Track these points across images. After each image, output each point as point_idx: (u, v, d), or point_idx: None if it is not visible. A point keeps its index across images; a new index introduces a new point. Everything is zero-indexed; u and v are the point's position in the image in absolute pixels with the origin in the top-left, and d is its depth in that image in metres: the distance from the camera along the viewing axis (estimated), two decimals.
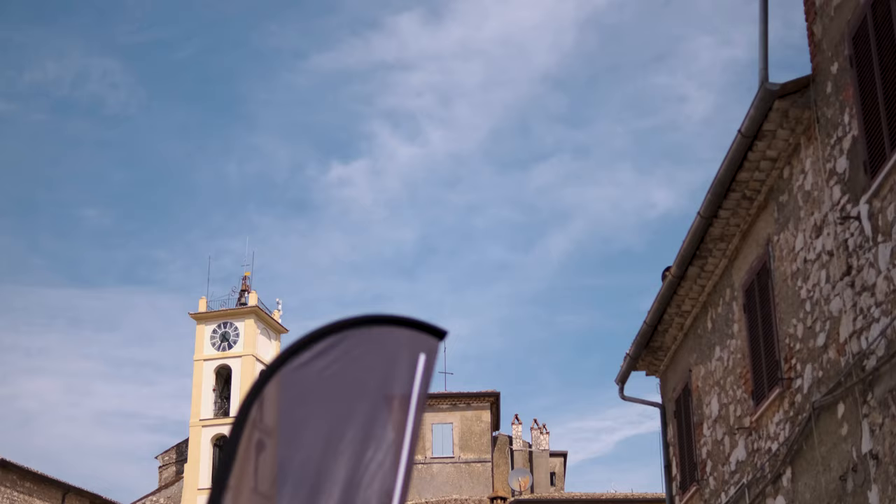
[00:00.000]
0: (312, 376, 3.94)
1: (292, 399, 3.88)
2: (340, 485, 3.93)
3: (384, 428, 4.07)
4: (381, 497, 3.97)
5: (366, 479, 3.97)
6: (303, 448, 3.92)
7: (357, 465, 3.96)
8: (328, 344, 4.00)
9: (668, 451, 15.66)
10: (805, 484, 10.35)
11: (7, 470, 38.07)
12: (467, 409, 48.44)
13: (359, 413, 4.03)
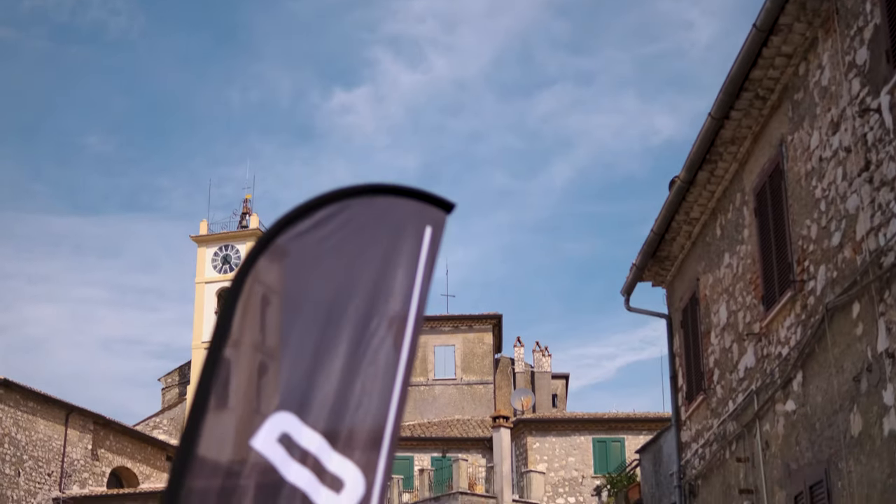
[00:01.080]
0: (312, 246, 3.69)
1: (291, 269, 3.64)
2: (342, 358, 3.69)
3: (387, 303, 3.83)
4: (385, 371, 3.74)
5: (369, 352, 3.74)
6: (303, 320, 3.68)
7: (360, 337, 3.73)
8: (328, 213, 3.74)
9: (674, 361, 15.49)
10: (816, 387, 10.16)
11: (10, 390, 38.16)
12: (469, 331, 48.47)
13: (361, 285, 3.78)
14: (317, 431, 3.58)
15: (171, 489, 3.33)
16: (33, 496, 38.96)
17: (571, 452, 39.83)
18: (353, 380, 3.69)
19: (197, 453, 3.36)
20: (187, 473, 3.33)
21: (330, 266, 3.73)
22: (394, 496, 39.48)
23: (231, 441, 3.51)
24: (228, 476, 3.47)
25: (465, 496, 37.16)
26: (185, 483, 3.29)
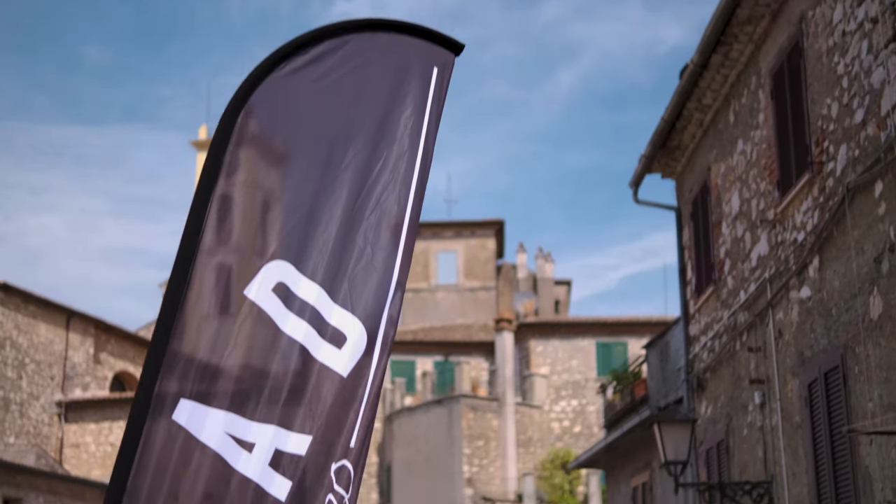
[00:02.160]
0: (307, 84, 3.30)
1: (283, 109, 3.26)
2: (342, 206, 3.32)
3: (391, 147, 3.45)
4: (388, 222, 3.38)
5: (370, 202, 3.37)
6: (297, 166, 3.31)
7: (360, 186, 3.36)
8: (326, 48, 3.35)
9: (683, 255, 15.16)
10: (834, 271, 9.82)
11: (10, 294, 37.97)
12: (471, 237, 48.18)
13: (362, 128, 3.40)
14: (315, 282, 3.24)
15: (161, 325, 3.02)
16: (36, 399, 39.04)
17: (574, 356, 39.81)
18: (355, 230, 3.34)
19: (187, 299, 3.04)
20: (175, 323, 3.00)
21: (328, 106, 3.35)
22: (396, 399, 39.59)
23: (223, 290, 3.18)
24: (222, 326, 3.16)
25: (467, 399, 37.24)
26: (173, 336, 2.98)
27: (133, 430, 2.98)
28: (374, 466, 41.00)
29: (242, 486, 3.11)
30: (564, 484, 36.45)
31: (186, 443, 3.01)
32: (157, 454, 2.97)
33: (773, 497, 11.32)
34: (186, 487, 3.01)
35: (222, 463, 3.08)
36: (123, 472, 2.94)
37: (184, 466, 3.02)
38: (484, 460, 37.04)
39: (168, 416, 2.98)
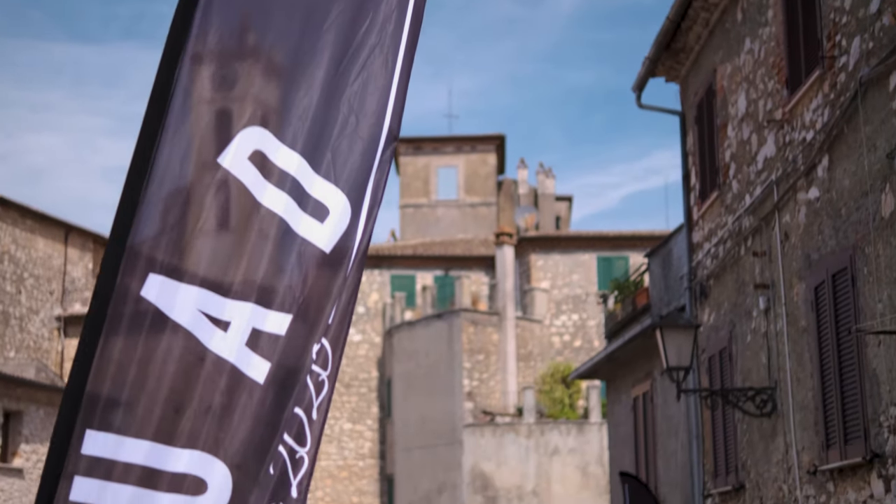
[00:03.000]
0: None
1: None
2: (324, 70, 3.00)
3: (378, 6, 3.11)
4: (375, 88, 3.06)
5: (355, 66, 3.05)
6: (277, 20, 2.99)
7: (344, 49, 3.03)
8: None
9: (687, 161, 14.82)
10: (844, 170, 9.51)
11: (7, 208, 37.71)
12: (472, 152, 47.69)
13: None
14: (295, 151, 2.94)
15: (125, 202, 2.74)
16: (36, 314, 38.99)
17: (575, 270, 39.64)
18: (338, 95, 3.02)
19: (153, 171, 2.76)
20: (142, 196, 2.71)
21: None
22: (396, 314, 39.52)
23: (193, 159, 2.89)
24: (192, 197, 2.86)
25: (467, 313, 37.15)
26: (141, 210, 2.69)
27: (98, 307, 2.70)
28: (375, 381, 41.09)
29: (217, 368, 2.85)
30: (564, 398, 36.53)
31: (155, 321, 2.74)
32: (123, 333, 2.70)
33: (776, 403, 11.14)
34: (156, 369, 2.75)
35: (195, 342, 2.82)
36: (89, 352, 2.68)
37: (153, 346, 2.76)
38: (484, 374, 37.08)
39: (136, 291, 2.70)
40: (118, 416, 2.72)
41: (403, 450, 38.01)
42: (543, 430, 34.90)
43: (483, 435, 35.36)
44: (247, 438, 2.92)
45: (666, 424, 15.59)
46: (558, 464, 34.84)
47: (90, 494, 2.69)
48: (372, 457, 40.48)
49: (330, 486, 40.21)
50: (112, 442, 2.69)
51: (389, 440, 39.52)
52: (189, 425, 2.81)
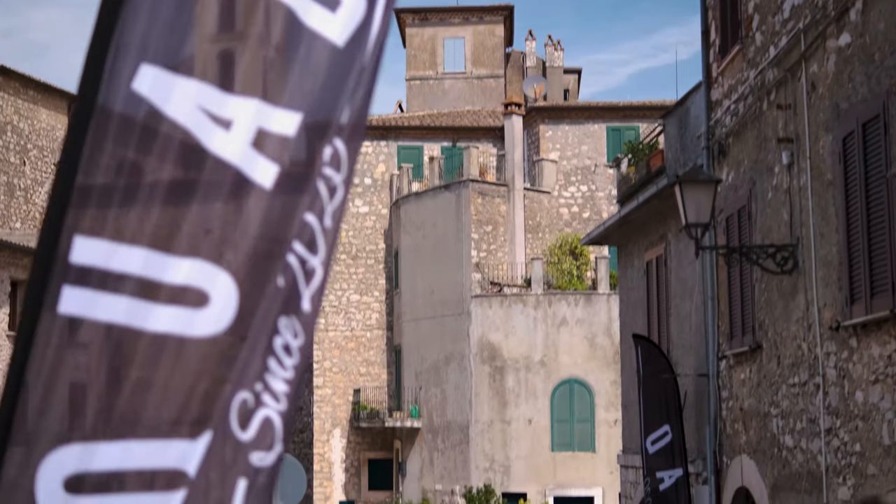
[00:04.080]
0: None
1: None
2: None
3: None
4: None
5: None
6: None
7: None
8: None
9: (707, 15, 14.26)
10: (879, 12, 9.04)
11: (9, 77, 37.14)
12: (480, 23, 46.71)
13: None
14: None
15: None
16: (40, 185, 38.72)
17: (584, 141, 39.16)
18: None
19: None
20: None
21: None
22: (403, 185, 39.20)
23: None
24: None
25: (475, 184, 36.82)
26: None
27: (85, 96, 2.37)
28: (382, 252, 40.99)
29: (219, 170, 2.52)
30: (573, 269, 36.42)
31: (149, 116, 2.41)
32: (113, 129, 2.38)
33: (797, 260, 10.86)
34: (151, 167, 2.43)
35: (193, 142, 2.48)
36: (78, 141, 2.36)
37: (148, 141, 2.43)
38: (492, 246, 36.92)
39: (127, 82, 2.36)
40: (110, 221, 2.42)
41: (411, 321, 38.10)
42: (551, 301, 34.88)
43: (491, 306, 35.36)
44: (252, 247, 2.63)
45: (680, 287, 15.36)
46: (566, 334, 34.92)
47: (81, 306, 2.40)
48: (379, 328, 40.62)
49: (338, 357, 40.44)
50: (104, 249, 2.41)
51: (397, 311, 39.60)
52: (189, 231, 2.51)
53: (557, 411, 34.71)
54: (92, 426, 2.50)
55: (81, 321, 2.44)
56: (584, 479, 34.22)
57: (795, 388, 10.97)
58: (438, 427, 36.54)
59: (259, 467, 2.57)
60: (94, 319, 2.46)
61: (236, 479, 2.55)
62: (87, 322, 2.44)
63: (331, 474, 40.16)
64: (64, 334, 2.45)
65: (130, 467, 2.49)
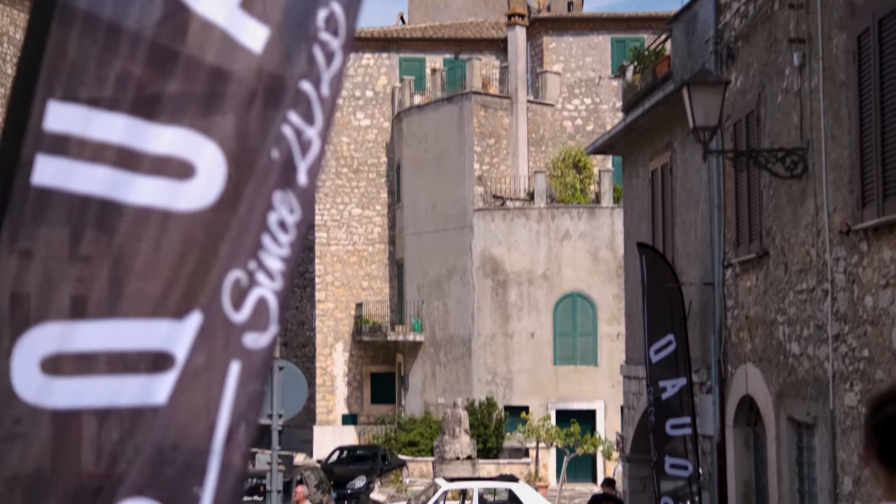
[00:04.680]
0: None
1: None
2: None
3: None
4: None
5: None
6: None
7: None
8: None
9: None
10: None
11: None
12: None
13: None
14: None
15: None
16: None
17: (588, 52, 38.63)
18: None
19: None
20: None
21: None
22: (405, 98, 38.78)
23: None
24: None
25: (478, 96, 36.42)
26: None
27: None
28: (384, 166, 40.70)
29: (204, 32, 2.32)
30: (576, 183, 36.18)
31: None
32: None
33: (808, 163, 10.63)
34: (131, 30, 2.24)
35: (177, 1, 2.30)
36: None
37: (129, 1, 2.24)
38: (494, 159, 36.62)
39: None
40: (86, 84, 2.22)
41: (413, 234, 37.96)
42: (554, 215, 34.70)
43: (493, 219, 35.19)
44: (241, 117, 2.44)
45: (685, 196, 15.15)
46: (569, 248, 34.80)
47: (56, 176, 2.21)
48: (381, 242, 40.51)
49: (340, 271, 40.40)
50: (80, 115, 2.22)
51: (399, 225, 39.45)
52: (172, 98, 2.32)
53: (560, 325, 34.74)
54: (70, 304, 2.34)
55: (57, 193, 2.27)
56: (586, 393, 34.37)
57: (803, 295, 10.82)
58: (441, 341, 36.61)
59: (253, 349, 2.42)
60: (71, 191, 2.29)
61: (229, 362, 2.40)
62: (64, 194, 2.27)
63: (333, 388, 40.38)
64: (38, 207, 2.27)
65: (111, 348, 2.34)
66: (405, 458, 33.76)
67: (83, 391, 2.30)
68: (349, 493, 28.97)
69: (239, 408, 2.44)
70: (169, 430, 2.41)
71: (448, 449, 29.66)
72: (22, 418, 2.27)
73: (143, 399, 2.34)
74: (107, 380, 2.31)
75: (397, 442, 35.35)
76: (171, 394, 2.39)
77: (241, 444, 2.46)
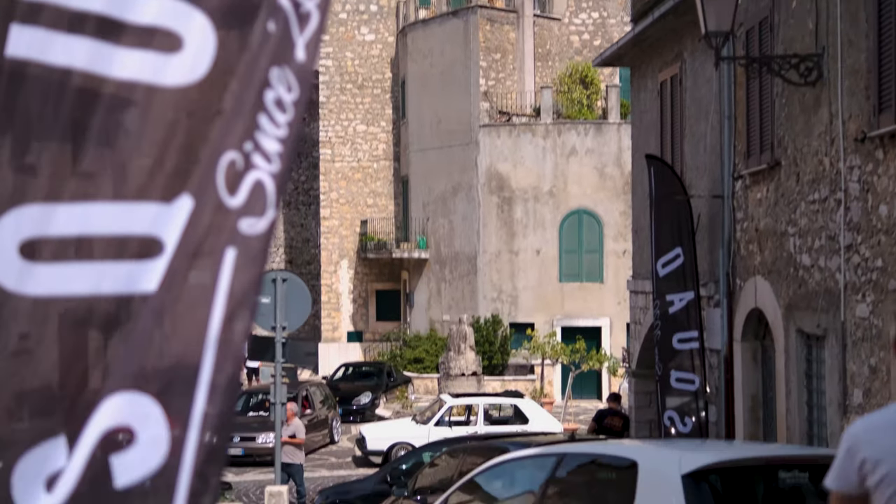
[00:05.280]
0: None
1: None
2: None
3: None
4: None
5: None
6: None
7: None
8: None
9: None
10: None
11: None
12: None
13: None
14: None
15: None
16: None
17: None
18: None
19: None
20: None
21: None
22: (409, 12, 38.23)
23: None
24: None
25: (484, 10, 35.89)
26: None
27: None
28: (388, 82, 40.27)
29: None
30: (583, 98, 35.78)
31: None
32: None
33: (822, 70, 10.36)
34: None
35: None
36: None
37: None
38: (500, 74, 36.19)
39: None
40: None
41: (418, 151, 37.69)
42: (561, 131, 34.38)
43: (499, 135, 34.89)
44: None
45: (694, 108, 14.87)
46: (575, 164, 34.53)
47: (32, 47, 2.06)
48: (386, 158, 40.25)
49: (344, 188, 40.21)
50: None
51: (404, 141, 39.15)
52: None
53: (566, 242, 34.62)
54: (49, 185, 2.19)
55: (33, 65, 2.10)
56: (591, 310, 34.35)
57: (815, 205, 10.63)
58: (446, 258, 36.54)
59: (250, 235, 2.27)
60: (50, 63, 2.12)
61: (224, 249, 2.24)
62: (42, 66, 2.11)
63: (338, 305, 40.43)
64: (13, 80, 2.11)
65: (94, 232, 2.19)
66: (410, 375, 33.89)
67: (66, 278, 2.16)
68: (354, 408, 29.11)
69: (235, 297, 2.30)
70: (159, 321, 2.28)
71: (453, 365, 29.74)
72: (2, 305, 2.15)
73: (130, 287, 2.20)
74: (91, 266, 2.17)
75: (402, 359, 35.47)
76: (161, 282, 2.25)
77: (237, 336, 2.32)
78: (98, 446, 2.17)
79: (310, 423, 24.92)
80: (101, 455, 2.17)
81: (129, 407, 2.19)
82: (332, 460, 24.58)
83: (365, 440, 23.62)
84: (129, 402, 2.18)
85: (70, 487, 2.13)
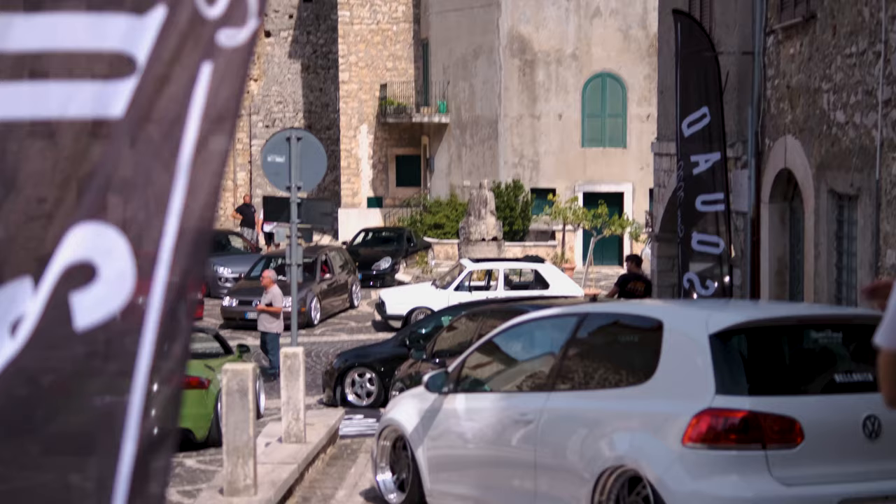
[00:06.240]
0: None
1: None
2: None
3: None
4: None
5: None
6: None
7: None
8: None
9: None
10: None
11: None
12: None
13: None
14: None
15: None
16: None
17: None
18: None
19: None
20: None
21: None
22: None
23: None
24: None
25: None
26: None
27: None
28: None
29: None
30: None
31: None
32: None
33: None
34: None
35: None
36: None
37: None
38: None
39: None
40: None
41: (438, 13, 36.84)
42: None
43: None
44: None
45: None
46: (599, 26, 33.70)
47: None
48: (406, 21, 39.39)
49: (363, 52, 39.48)
50: None
51: (424, 3, 38.27)
52: None
53: (588, 106, 34.02)
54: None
55: None
56: (613, 175, 33.93)
57: (852, 59, 10.14)
58: (466, 122, 36.02)
59: (228, 48, 2.00)
60: None
61: (199, 63, 1.98)
62: None
63: (358, 170, 40.11)
64: None
65: (58, 47, 1.96)
66: (430, 241, 33.74)
67: (25, 99, 1.94)
68: (374, 273, 29.05)
69: (210, 117, 2.01)
70: (127, 147, 2.01)
71: (474, 230, 29.52)
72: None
73: (97, 110, 1.98)
74: (54, 86, 1.92)
75: (423, 224, 35.28)
76: (129, 104, 1.98)
77: (213, 159, 2.04)
78: (59, 283, 1.95)
79: (329, 288, 24.87)
80: (62, 293, 1.95)
81: (92, 239, 1.95)
82: (352, 324, 24.60)
83: (384, 304, 23.57)
84: (93, 234, 1.96)
85: (29, 329, 1.93)
